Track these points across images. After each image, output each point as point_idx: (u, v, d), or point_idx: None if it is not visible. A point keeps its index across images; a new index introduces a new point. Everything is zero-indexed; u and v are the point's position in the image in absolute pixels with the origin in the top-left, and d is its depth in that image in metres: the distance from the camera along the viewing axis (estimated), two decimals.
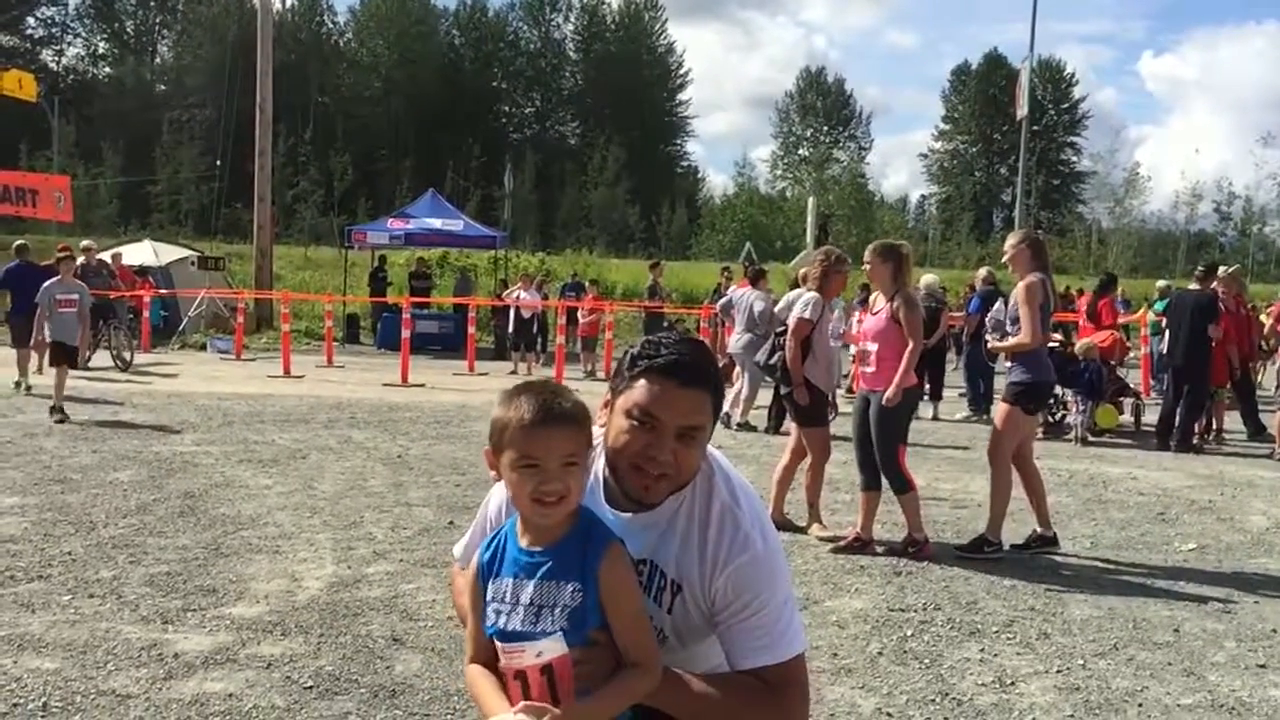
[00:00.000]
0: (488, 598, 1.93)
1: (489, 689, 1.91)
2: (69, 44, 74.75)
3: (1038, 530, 6.92)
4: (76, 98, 64.17)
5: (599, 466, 2.09)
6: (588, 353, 19.25)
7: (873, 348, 6.80)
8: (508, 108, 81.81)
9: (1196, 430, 11.84)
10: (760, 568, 2.01)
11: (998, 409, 7.06)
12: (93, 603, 5.26)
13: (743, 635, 1.99)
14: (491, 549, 1.96)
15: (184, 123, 61.20)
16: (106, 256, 20.87)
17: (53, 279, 11.92)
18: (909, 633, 5.22)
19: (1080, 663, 4.86)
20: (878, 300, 6.95)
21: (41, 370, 14.54)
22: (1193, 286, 12.22)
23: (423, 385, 15.70)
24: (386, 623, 5.09)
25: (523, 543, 1.90)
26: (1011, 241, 6.96)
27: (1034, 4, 28.64)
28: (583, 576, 1.83)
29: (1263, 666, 4.89)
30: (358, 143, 63.58)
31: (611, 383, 2.08)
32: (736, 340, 12.43)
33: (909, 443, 11.17)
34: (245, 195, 31.69)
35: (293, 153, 50.70)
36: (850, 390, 13.60)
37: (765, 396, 12.32)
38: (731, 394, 12.41)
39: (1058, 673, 4.73)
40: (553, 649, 1.82)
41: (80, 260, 16.07)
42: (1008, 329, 9.29)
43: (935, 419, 13.50)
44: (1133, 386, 13.82)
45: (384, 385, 15.58)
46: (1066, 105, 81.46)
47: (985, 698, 4.42)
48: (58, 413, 10.86)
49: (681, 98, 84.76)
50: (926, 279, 14.88)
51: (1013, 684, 4.58)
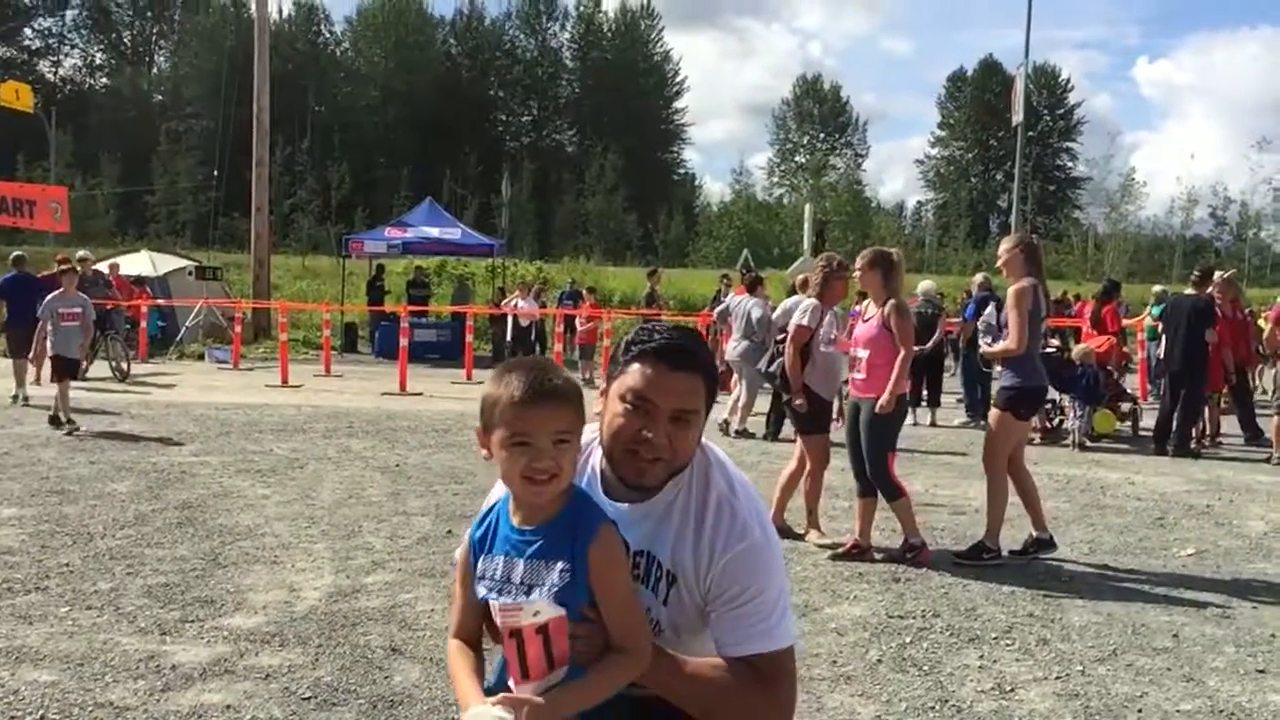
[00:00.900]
0: (477, 574, 1.92)
1: (465, 673, 1.90)
2: (66, 55, 74.99)
3: (1033, 534, 6.92)
4: (74, 108, 64.17)
5: (595, 460, 2.10)
6: (585, 361, 19.26)
7: (863, 354, 6.81)
8: (505, 116, 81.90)
9: (1194, 435, 11.84)
10: (757, 556, 2.01)
11: (990, 415, 7.06)
12: (90, 614, 5.25)
13: (736, 622, 1.98)
14: (483, 526, 1.96)
15: (181, 133, 61.30)
16: (104, 267, 20.87)
17: (55, 292, 11.87)
18: (908, 640, 5.22)
19: (1079, 669, 4.86)
20: (869, 307, 6.96)
21: (40, 381, 14.53)
22: (1189, 291, 12.23)
23: (421, 394, 15.70)
24: (385, 633, 5.08)
25: (514, 521, 1.89)
26: (1005, 246, 6.96)
27: (1029, 10, 28.79)
28: (572, 556, 1.82)
29: (1262, 672, 4.89)
30: (355, 152, 63.63)
31: (607, 372, 2.11)
32: (734, 347, 12.44)
33: (906, 449, 11.26)
34: (243, 205, 31.71)
35: (290, 162, 50.77)
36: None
37: (763, 404, 12.33)
38: (729, 401, 12.42)
39: (1057, 679, 4.73)
40: (550, 611, 1.80)
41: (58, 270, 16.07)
42: (997, 334, 9.30)
43: (933, 425, 13.51)
44: (1130, 391, 13.83)
45: (382, 394, 15.58)
46: (1062, 111, 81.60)
47: (985, 705, 4.42)
48: (68, 424, 10.85)
49: (678, 105, 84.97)
50: (924, 285, 14.88)
51: (1012, 691, 4.58)
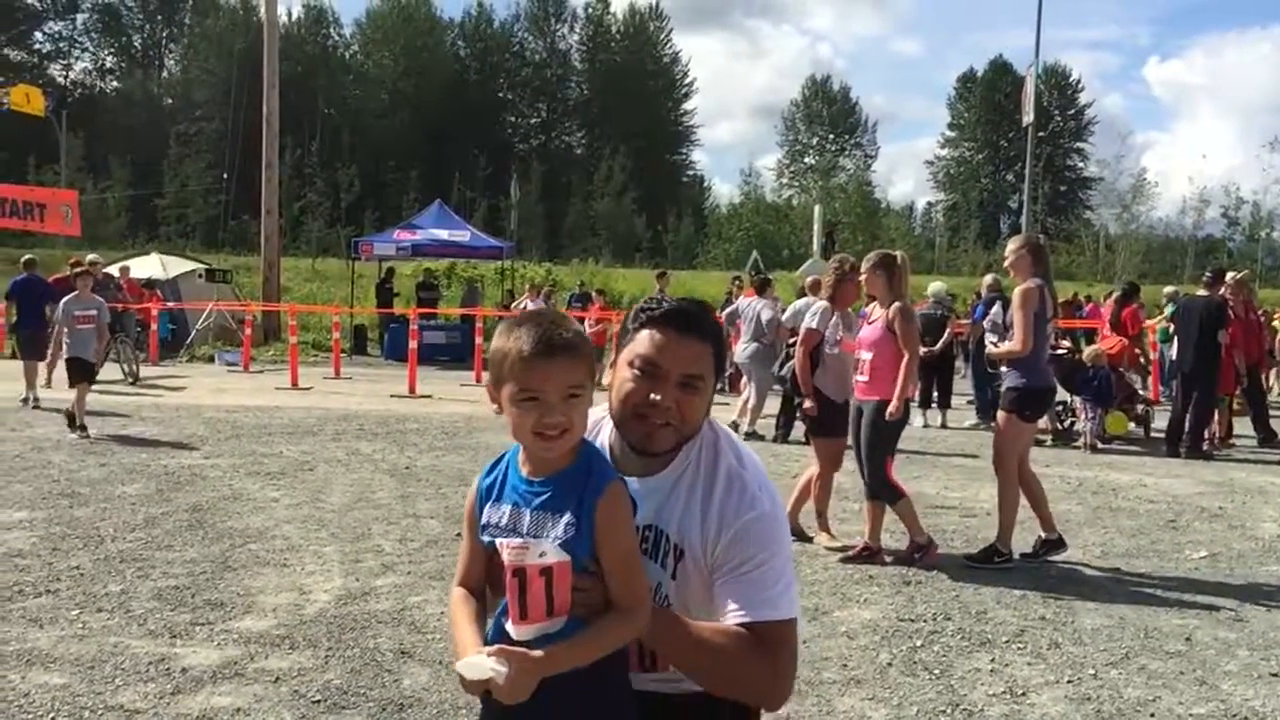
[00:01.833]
0: (483, 521, 1.90)
1: (465, 620, 1.88)
2: (76, 58, 75.23)
3: (1042, 535, 6.90)
4: (84, 112, 64.27)
5: (604, 437, 2.12)
6: (596, 362, 19.21)
7: (867, 356, 6.80)
8: (513, 118, 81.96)
9: (1206, 436, 11.79)
10: (766, 525, 2.01)
11: (998, 418, 7.04)
12: (101, 617, 5.26)
13: (742, 589, 1.97)
14: (492, 475, 1.94)
15: (191, 136, 61.47)
16: (114, 270, 20.95)
17: (70, 294, 11.86)
18: (919, 643, 5.20)
19: (1091, 672, 4.84)
20: (875, 309, 6.95)
21: (50, 384, 14.57)
22: (1201, 292, 12.18)
23: (430, 396, 15.71)
24: (395, 635, 5.08)
25: (524, 471, 1.88)
26: (1012, 247, 6.96)
27: (1039, 11, 28.72)
28: (579, 510, 1.80)
29: (1276, 675, 4.86)
30: (364, 154, 63.76)
31: (616, 343, 2.12)
32: (743, 349, 12.41)
33: (917, 450, 11.24)
34: (252, 208, 31.79)
35: (299, 165, 50.91)
36: None
37: (773, 405, 12.31)
38: (739, 402, 12.40)
39: (1069, 683, 4.70)
40: (556, 555, 1.78)
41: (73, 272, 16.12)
42: (1004, 333, 9.26)
43: (944, 426, 13.47)
44: (1142, 393, 13.77)
45: (391, 396, 15.59)
46: (1073, 111, 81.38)
47: (996, 709, 4.40)
48: (81, 430, 10.84)
49: (687, 107, 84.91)
50: (934, 287, 14.85)
51: (1024, 694, 4.56)
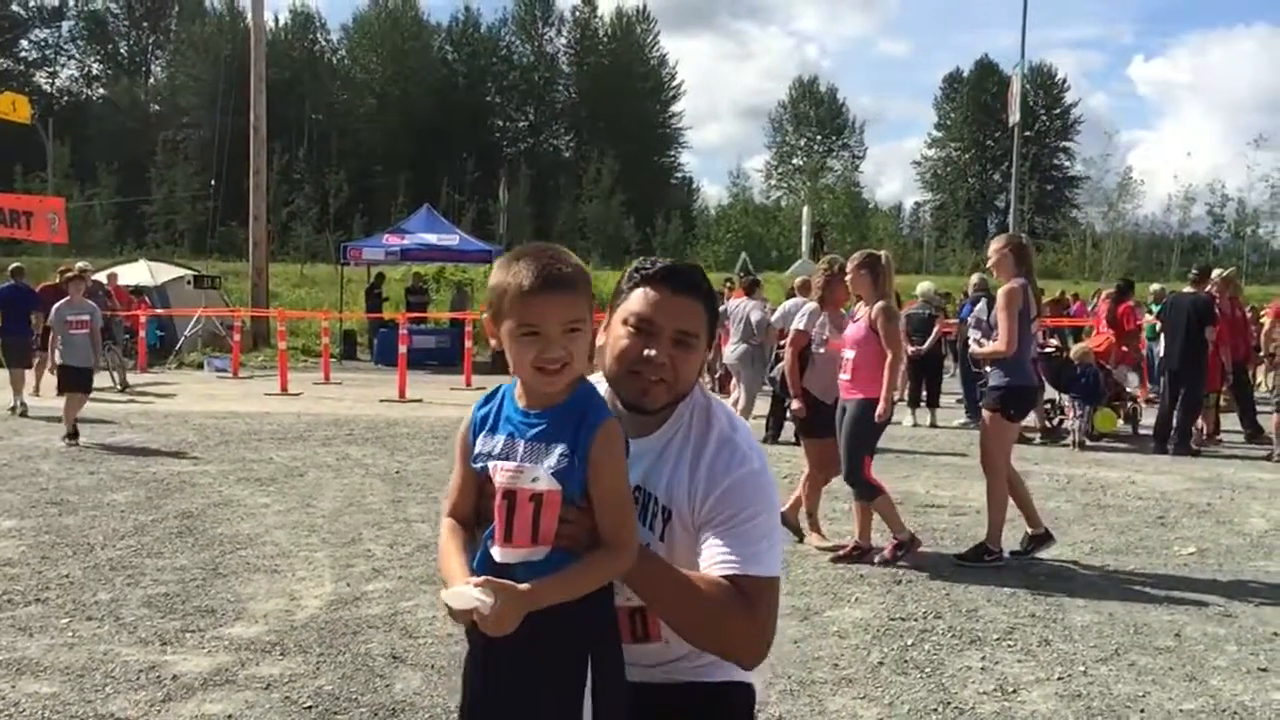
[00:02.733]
0: (476, 450, 1.88)
1: (453, 551, 1.87)
2: (63, 66, 74.99)
3: (1029, 531, 6.92)
4: (71, 119, 64.13)
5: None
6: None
7: (850, 355, 6.83)
8: (501, 122, 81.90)
9: (1194, 433, 11.84)
10: (756, 482, 2.03)
11: (983, 417, 7.06)
12: (90, 625, 5.24)
13: (728, 542, 1.97)
14: (487, 407, 1.93)
15: (178, 142, 61.34)
16: (102, 277, 20.88)
17: (62, 300, 11.78)
18: (910, 642, 5.21)
19: (1081, 669, 4.85)
20: (860, 309, 6.98)
21: (39, 392, 14.54)
22: (1187, 289, 12.24)
23: (420, 400, 15.69)
24: (386, 640, 5.08)
25: (520, 404, 1.87)
26: (994, 246, 7.00)
27: (1024, 11, 28.87)
28: (574, 443, 1.78)
29: (1264, 670, 4.88)
30: (352, 159, 63.67)
31: (610, 304, 2.14)
32: (732, 350, 12.42)
33: (906, 450, 11.27)
34: (240, 213, 31.73)
35: (287, 170, 50.82)
36: None
37: (763, 406, 12.32)
38: (728, 403, 12.41)
39: (1059, 680, 4.72)
40: (547, 482, 1.77)
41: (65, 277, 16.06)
42: (988, 331, 9.29)
43: (933, 426, 13.51)
44: (1130, 390, 13.82)
45: (381, 401, 15.57)
46: (1058, 111, 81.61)
47: (987, 706, 4.41)
48: (71, 438, 10.76)
49: (675, 109, 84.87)
50: (923, 286, 14.89)
51: (1014, 692, 4.57)
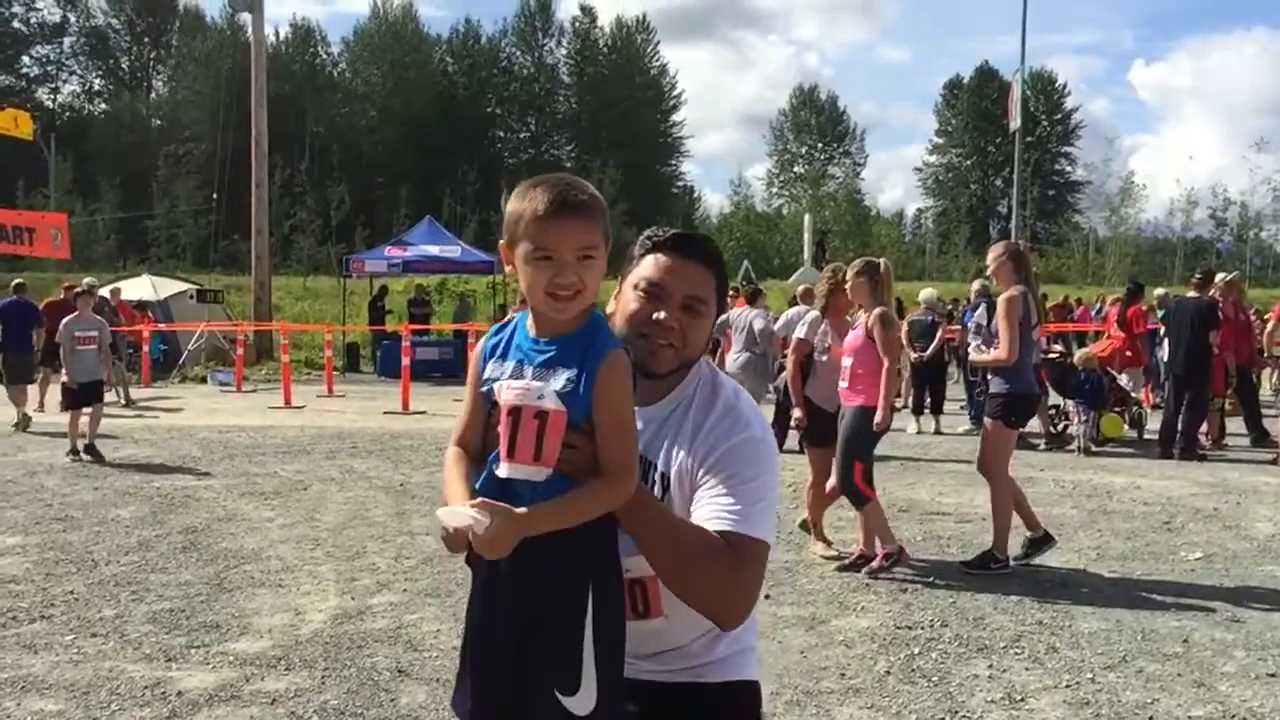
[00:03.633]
0: (485, 376, 1.89)
1: (456, 475, 1.86)
2: (64, 81, 75.05)
3: (1028, 535, 6.91)
4: (73, 134, 64.30)
5: None
6: None
7: (848, 363, 6.84)
8: (502, 133, 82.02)
9: (1200, 437, 11.82)
10: (757, 449, 2.04)
11: (985, 424, 7.05)
12: (95, 642, 5.23)
13: (724, 499, 1.96)
14: (499, 337, 1.94)
15: (180, 157, 61.38)
16: (105, 292, 20.88)
17: (71, 316, 11.77)
18: (916, 650, 5.19)
19: (1089, 676, 4.84)
20: (861, 316, 6.98)
21: (43, 407, 14.55)
22: (1191, 294, 12.23)
23: (424, 412, 15.68)
24: (391, 654, 5.07)
25: (531, 333, 1.88)
26: (993, 254, 7.01)
27: (1023, 17, 28.90)
28: (581, 370, 1.79)
29: (1273, 675, 4.86)
30: (354, 172, 63.67)
31: (621, 272, 2.15)
32: (734, 359, 12.40)
33: (910, 456, 11.25)
34: (243, 227, 31.76)
35: (289, 183, 50.83)
36: None
37: (766, 414, 12.31)
38: None
39: (1067, 687, 4.70)
40: (553, 402, 1.77)
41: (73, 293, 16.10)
42: (989, 337, 9.28)
43: (937, 432, 13.48)
44: (1134, 395, 13.80)
45: (385, 413, 15.56)
46: (1059, 116, 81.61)
47: (995, 715, 4.40)
48: (74, 454, 10.79)
49: (675, 118, 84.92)
50: (925, 293, 14.88)
51: (1022, 700, 4.55)
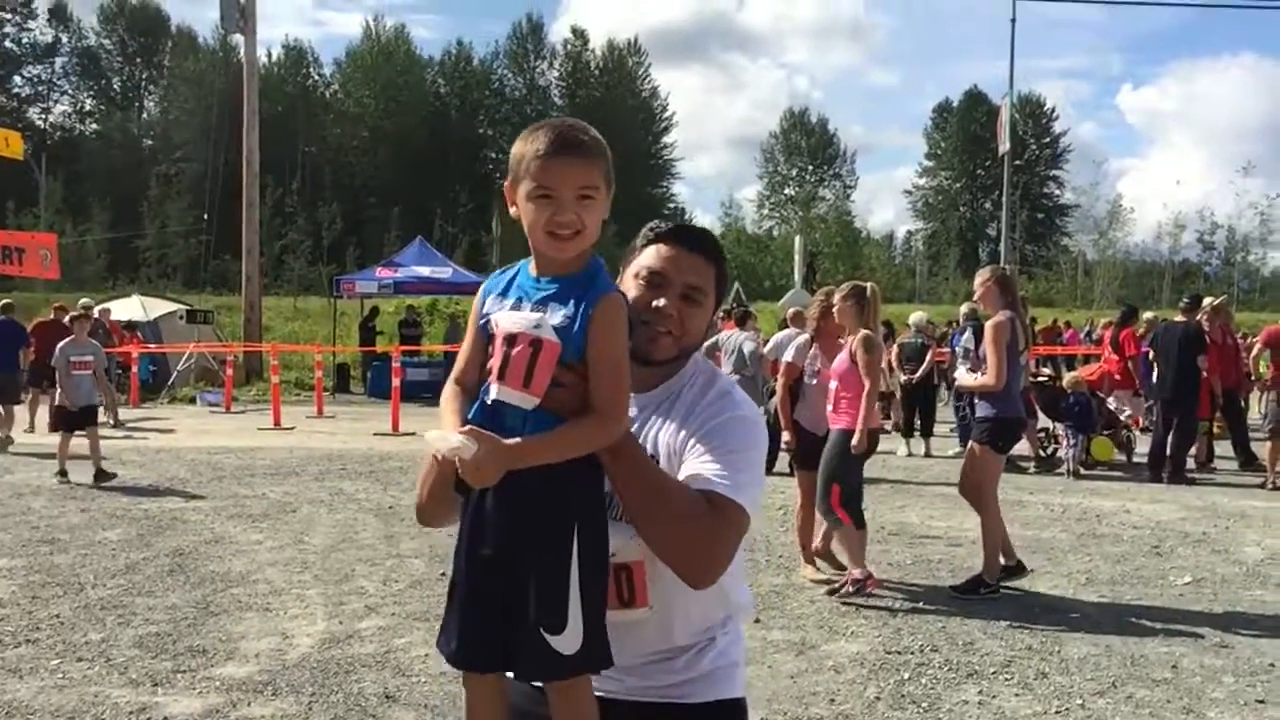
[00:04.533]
0: (484, 310, 1.91)
1: (450, 408, 1.89)
2: (56, 101, 75.04)
3: (1001, 561, 6.91)
4: (64, 154, 64.32)
5: None
6: None
7: (833, 386, 6.87)
8: (494, 154, 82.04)
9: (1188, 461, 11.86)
10: (747, 426, 2.05)
11: (971, 449, 7.05)
12: (81, 666, 5.20)
13: (709, 465, 1.97)
14: (503, 277, 1.96)
15: (171, 176, 61.38)
16: (94, 312, 20.83)
17: (66, 340, 11.68)
18: (906, 675, 5.19)
19: (1079, 702, 4.83)
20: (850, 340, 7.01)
21: (33, 428, 14.50)
22: (1179, 319, 12.29)
23: (414, 434, 15.62)
24: (379, 679, 5.04)
25: (532, 272, 1.90)
26: (980, 279, 7.06)
27: (1012, 41, 29.07)
28: (578, 308, 1.81)
29: (1261, 702, 4.86)
30: (345, 192, 63.83)
31: (622, 264, 2.18)
32: None
33: (900, 480, 11.26)
34: (233, 247, 31.73)
35: (281, 204, 50.92)
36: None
37: None
38: None
39: (1057, 714, 4.70)
40: (548, 333, 1.79)
41: (61, 316, 16.07)
42: (978, 363, 9.30)
43: (927, 455, 13.49)
44: (1123, 418, 13.83)
45: (375, 435, 15.52)
46: (1048, 140, 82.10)
47: None
48: (62, 475, 10.70)
49: (666, 140, 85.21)
50: (915, 316, 14.94)
51: None
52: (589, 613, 1.80)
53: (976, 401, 7.10)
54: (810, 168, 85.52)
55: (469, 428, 1.77)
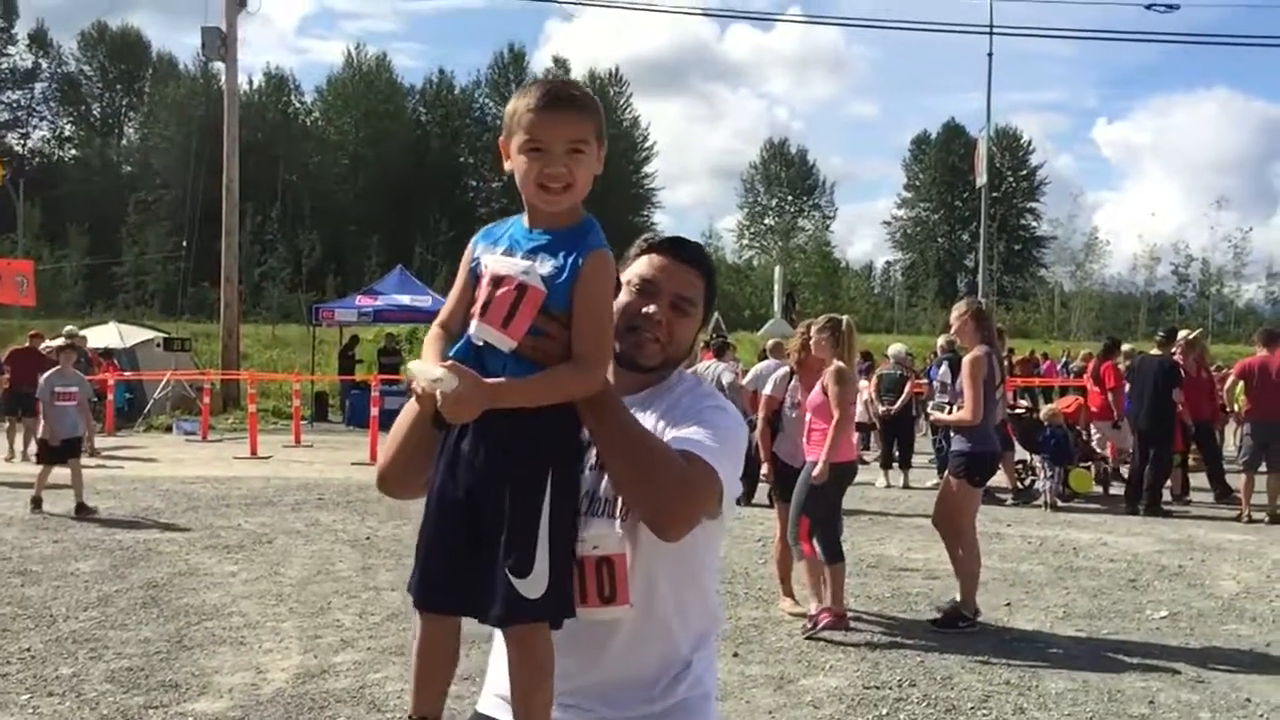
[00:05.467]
0: (475, 256, 1.94)
1: (434, 351, 1.91)
2: (35, 127, 74.82)
3: (956, 599, 6.90)
4: (42, 180, 63.97)
5: None
6: None
7: (808, 418, 6.89)
8: (475, 182, 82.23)
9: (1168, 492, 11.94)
10: (728, 418, 2.10)
11: (948, 483, 7.07)
12: (52, 701, 5.13)
13: (687, 432, 2.01)
14: (497, 228, 1.99)
15: (150, 203, 61.19)
16: (79, 341, 20.69)
17: (51, 370, 11.52)
18: (885, 711, 5.18)
19: None
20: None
21: (12, 457, 14.45)
22: (1154, 351, 12.40)
23: None
24: (354, 715, 4.99)
25: (525, 224, 1.93)
26: (956, 313, 7.12)
27: (989, 74, 29.39)
28: (567, 259, 1.84)
29: None
30: (325, 220, 63.64)
31: (617, 269, 2.19)
32: None
33: (879, 511, 11.27)
34: (212, 274, 31.60)
35: (260, 231, 50.82)
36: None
37: None
38: None
39: None
40: (535, 280, 1.82)
41: (47, 345, 15.99)
42: (955, 396, 9.34)
43: (906, 487, 13.51)
44: (1100, 451, 13.91)
45: (352, 464, 15.42)
46: (1025, 172, 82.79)
47: None
48: (36, 505, 10.56)
49: (648, 170, 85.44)
50: (894, 348, 15.01)
51: None
52: (555, 561, 1.82)
53: (952, 435, 7.14)
54: (790, 198, 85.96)
55: (451, 362, 1.79)
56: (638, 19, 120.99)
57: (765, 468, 7.48)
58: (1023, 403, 14.65)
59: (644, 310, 2.11)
